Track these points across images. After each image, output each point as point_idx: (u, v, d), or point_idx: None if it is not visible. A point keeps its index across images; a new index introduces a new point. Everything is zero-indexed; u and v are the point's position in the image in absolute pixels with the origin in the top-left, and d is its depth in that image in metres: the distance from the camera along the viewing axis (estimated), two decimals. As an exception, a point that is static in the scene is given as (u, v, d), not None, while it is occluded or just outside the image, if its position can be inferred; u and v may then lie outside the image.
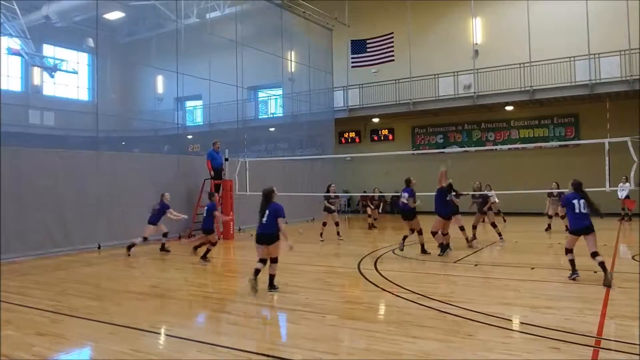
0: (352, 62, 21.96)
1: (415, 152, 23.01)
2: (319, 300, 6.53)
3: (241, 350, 4.55)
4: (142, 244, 11.32)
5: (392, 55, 21.06)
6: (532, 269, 8.52)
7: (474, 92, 20.50)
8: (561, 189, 13.10)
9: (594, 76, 18.30)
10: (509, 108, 21.20)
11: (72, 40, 23.09)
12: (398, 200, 11.68)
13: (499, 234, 12.14)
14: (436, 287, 7.43)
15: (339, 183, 22.36)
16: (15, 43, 21.91)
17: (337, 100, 23.87)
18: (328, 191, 13.71)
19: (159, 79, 26.36)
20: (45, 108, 24.16)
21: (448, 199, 10.28)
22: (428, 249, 10.30)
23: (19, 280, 8.24)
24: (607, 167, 9.70)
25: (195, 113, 28.19)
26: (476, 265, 9.04)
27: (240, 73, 18.27)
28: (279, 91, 24.58)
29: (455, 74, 21.05)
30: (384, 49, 21.17)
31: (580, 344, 4.51)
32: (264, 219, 7.07)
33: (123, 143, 21.22)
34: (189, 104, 28.02)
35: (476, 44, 21.50)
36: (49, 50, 24.77)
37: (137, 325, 5.40)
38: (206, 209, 10.38)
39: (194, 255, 10.32)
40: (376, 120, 24.41)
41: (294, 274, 8.42)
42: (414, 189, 10.59)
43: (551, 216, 14.47)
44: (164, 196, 11.61)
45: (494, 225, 12.24)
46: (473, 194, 12.24)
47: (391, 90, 22.53)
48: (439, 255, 9.97)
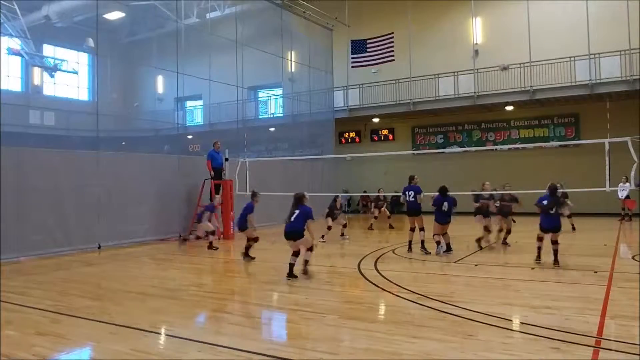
0: (352, 62, 21.94)
1: (415, 152, 23.03)
2: (319, 300, 6.53)
3: (241, 350, 4.54)
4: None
5: (392, 55, 21.06)
6: (532, 269, 8.53)
7: (474, 92, 20.50)
8: (564, 189, 13.03)
9: (594, 76, 18.28)
10: (509, 108, 21.18)
11: (72, 40, 23.09)
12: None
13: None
14: (436, 287, 7.43)
15: (339, 183, 22.49)
16: (15, 43, 21.92)
17: (337, 100, 23.85)
18: (334, 201, 13.55)
19: (159, 79, 26.36)
20: (46, 108, 24.18)
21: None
22: (428, 249, 10.33)
23: (19, 280, 8.24)
24: (607, 167, 9.71)
25: (196, 113, 28.18)
26: (476, 265, 9.03)
27: (240, 73, 18.26)
28: (279, 91, 24.59)
29: (455, 74, 21.04)
30: (384, 49, 21.16)
31: (581, 344, 4.51)
32: (293, 218, 7.96)
33: (123, 143, 21.19)
34: (189, 104, 28.03)
35: (476, 44, 21.51)
36: (49, 50, 24.80)
37: (137, 325, 5.40)
38: (243, 208, 9.83)
39: (247, 259, 9.93)
40: (376, 120, 24.41)
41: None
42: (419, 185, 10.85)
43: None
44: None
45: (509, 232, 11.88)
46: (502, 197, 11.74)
47: (391, 90, 22.52)
48: (436, 254, 10.06)
